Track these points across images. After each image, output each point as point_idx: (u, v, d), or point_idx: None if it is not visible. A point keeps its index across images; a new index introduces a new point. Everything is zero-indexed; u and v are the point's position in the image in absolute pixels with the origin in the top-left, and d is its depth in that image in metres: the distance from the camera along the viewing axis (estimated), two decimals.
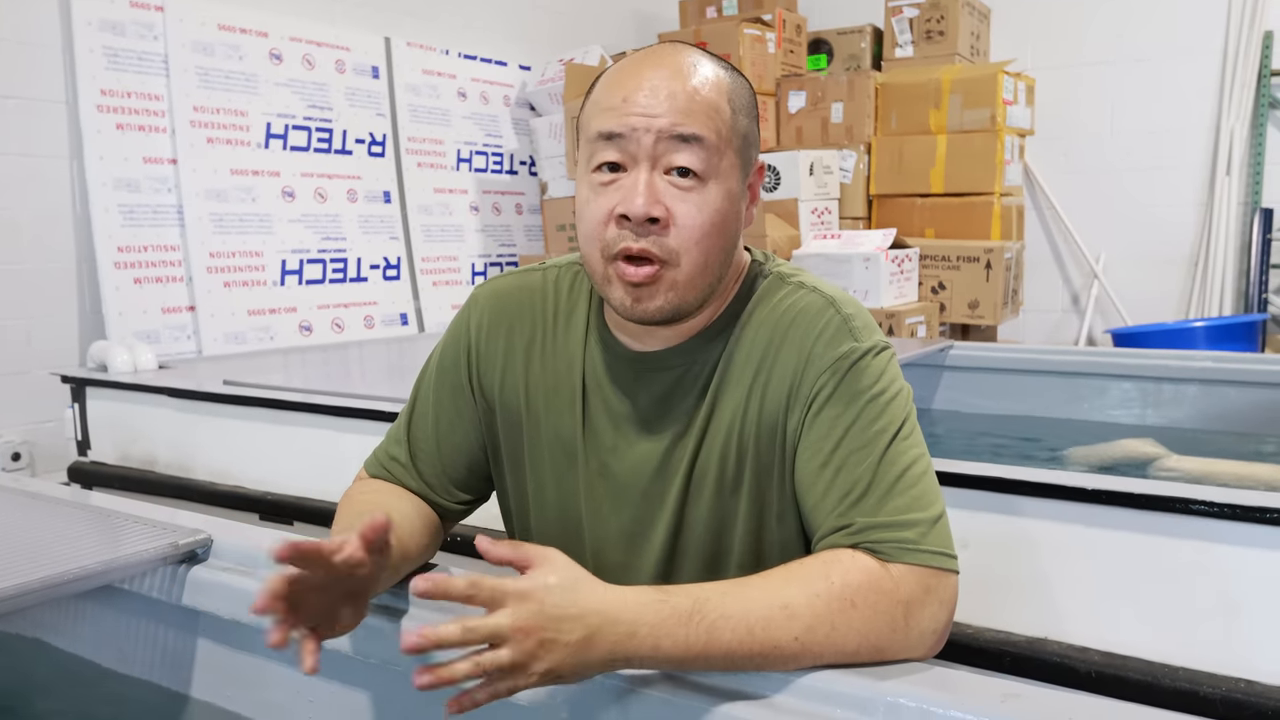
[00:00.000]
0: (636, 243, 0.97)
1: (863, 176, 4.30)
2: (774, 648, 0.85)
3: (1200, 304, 4.52)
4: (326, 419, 2.11)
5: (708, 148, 0.97)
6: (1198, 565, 1.33)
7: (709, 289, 1.02)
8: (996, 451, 2.71)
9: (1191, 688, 1.28)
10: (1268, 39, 4.34)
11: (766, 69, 4.48)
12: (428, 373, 1.19)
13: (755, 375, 1.02)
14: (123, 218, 3.20)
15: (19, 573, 1.04)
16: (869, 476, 0.95)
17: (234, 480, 2.26)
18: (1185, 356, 2.79)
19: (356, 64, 3.95)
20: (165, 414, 2.36)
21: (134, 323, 3.17)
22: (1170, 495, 1.34)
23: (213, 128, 3.45)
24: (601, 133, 0.98)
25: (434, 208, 4.23)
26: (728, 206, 1.00)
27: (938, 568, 0.92)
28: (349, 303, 3.84)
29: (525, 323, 1.13)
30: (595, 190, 0.99)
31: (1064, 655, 1.38)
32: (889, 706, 0.81)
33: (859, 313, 1.03)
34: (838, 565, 0.90)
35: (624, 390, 1.07)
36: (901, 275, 3.68)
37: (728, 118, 0.99)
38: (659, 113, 0.96)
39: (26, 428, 3.05)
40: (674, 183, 0.97)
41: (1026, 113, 4.34)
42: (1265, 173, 4.42)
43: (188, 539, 1.15)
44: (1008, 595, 1.46)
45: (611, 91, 0.99)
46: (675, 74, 0.98)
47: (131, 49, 3.25)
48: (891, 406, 0.98)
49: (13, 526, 1.26)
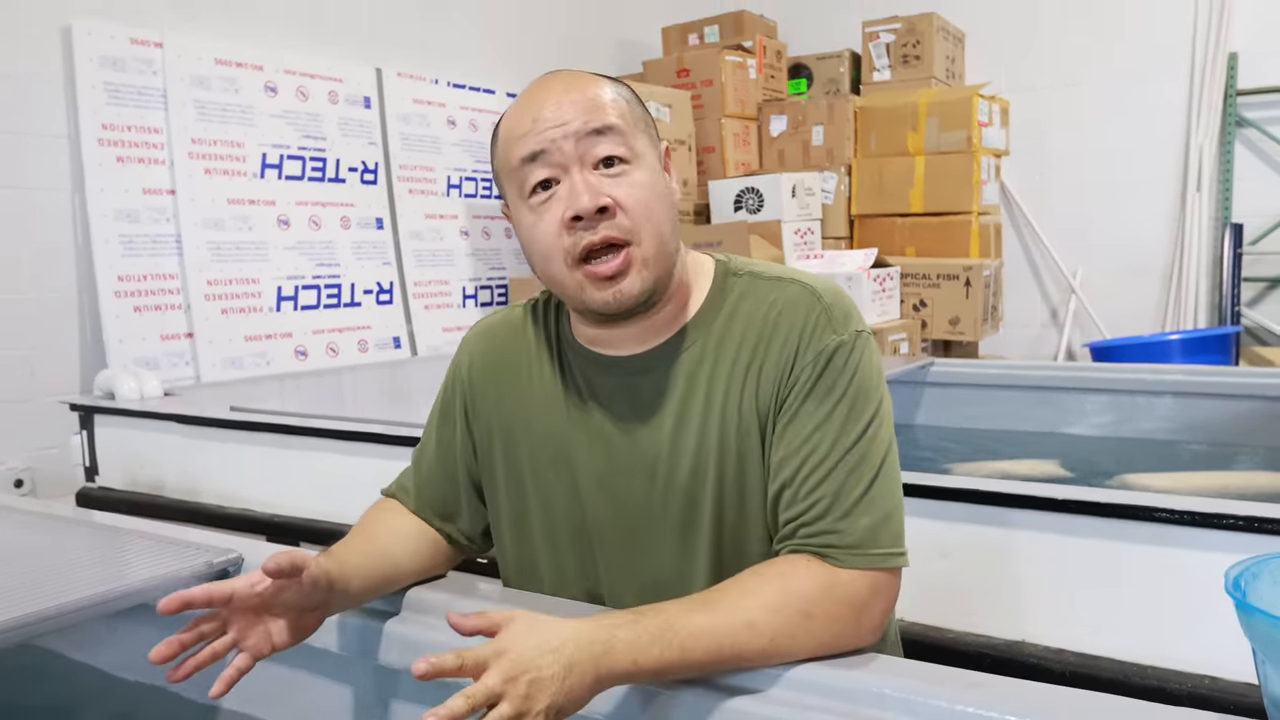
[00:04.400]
0: (595, 234, 1.02)
1: (844, 197, 4.39)
2: (742, 659, 0.93)
3: (1175, 317, 4.61)
4: (332, 443, 2.17)
5: (621, 133, 1.04)
6: (1164, 569, 1.39)
7: (670, 262, 1.07)
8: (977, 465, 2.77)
9: (1159, 685, 1.35)
10: (1233, 60, 4.47)
11: (748, 94, 4.58)
12: (433, 410, 1.28)
13: (749, 366, 1.06)
14: (123, 248, 3.26)
15: (68, 591, 1.11)
16: (830, 479, 1.00)
17: (241, 504, 2.31)
18: (1160, 370, 2.85)
19: (349, 95, 4.03)
20: (172, 440, 2.41)
21: (134, 350, 3.22)
22: (1136, 504, 1.41)
23: (210, 159, 3.52)
24: (524, 157, 1.04)
25: (425, 233, 4.30)
26: (658, 181, 1.07)
27: (885, 568, 0.99)
28: (343, 327, 3.90)
29: (512, 353, 1.20)
30: (537, 212, 1.04)
31: (1040, 657, 1.44)
32: (875, 696, 0.90)
33: (838, 300, 1.08)
34: (794, 577, 0.97)
35: (610, 398, 1.12)
36: (883, 293, 3.77)
37: (625, 107, 1.07)
38: (569, 118, 1.03)
39: (29, 454, 3.08)
40: (605, 173, 1.03)
41: (1001, 134, 4.45)
42: (1234, 188, 4.53)
43: (220, 558, 1.23)
44: (987, 601, 1.52)
45: (520, 120, 1.06)
46: (569, 86, 1.06)
47: (131, 84, 3.33)
48: (862, 401, 1.03)
49: (53, 548, 1.32)
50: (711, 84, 4.45)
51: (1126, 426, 2.81)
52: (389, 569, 1.14)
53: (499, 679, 0.83)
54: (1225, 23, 4.45)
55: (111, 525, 1.44)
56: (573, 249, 1.02)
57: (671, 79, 4.59)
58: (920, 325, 4.00)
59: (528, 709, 0.83)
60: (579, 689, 0.86)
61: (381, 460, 2.03)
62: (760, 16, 4.93)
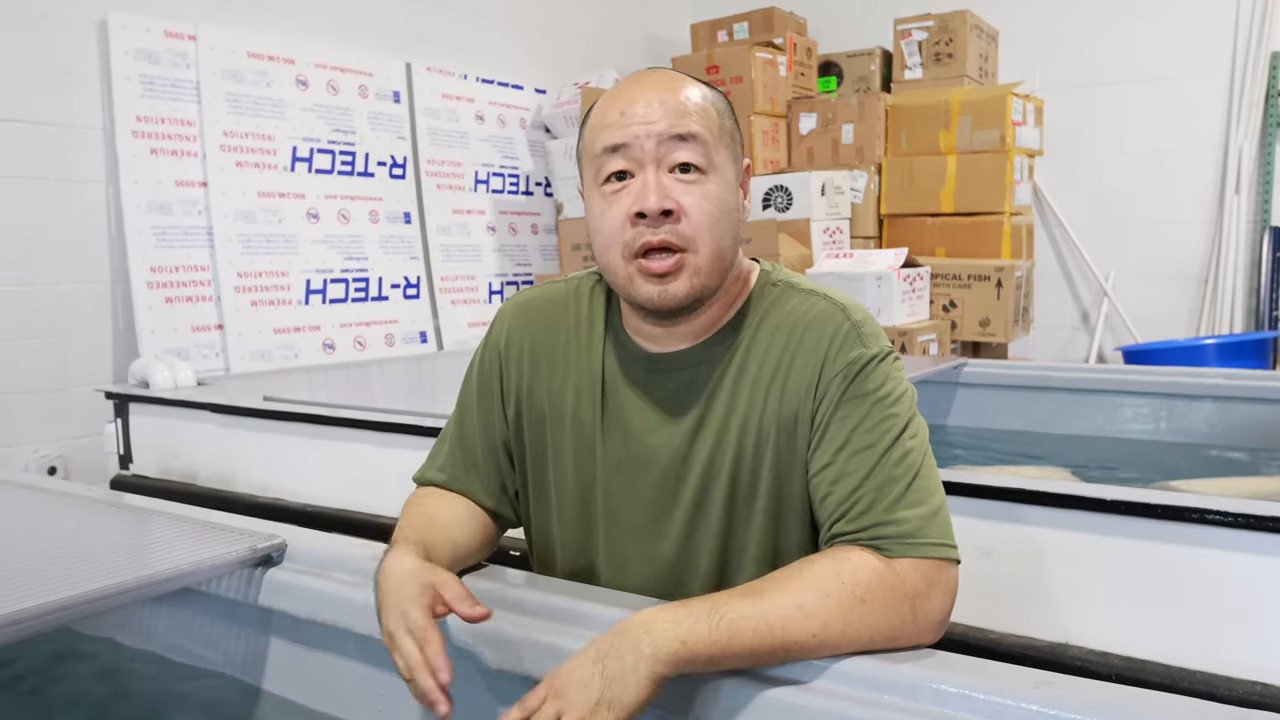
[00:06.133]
0: (656, 235, 1.05)
1: (874, 196, 4.36)
2: (794, 644, 0.91)
3: (1210, 321, 4.55)
4: (365, 433, 2.16)
5: (704, 143, 1.06)
6: (1213, 572, 1.36)
7: (723, 275, 1.10)
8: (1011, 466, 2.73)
9: (1208, 690, 1.31)
10: (1274, 59, 4.40)
11: (778, 91, 4.56)
12: (467, 385, 1.28)
13: (774, 376, 1.09)
14: (155, 239, 3.28)
15: (117, 573, 1.11)
16: (874, 475, 1.01)
17: (273, 493, 2.31)
18: (1197, 373, 2.79)
19: (378, 89, 4.04)
20: (206, 429, 2.42)
21: (165, 341, 3.24)
22: (1186, 506, 1.38)
23: (241, 151, 3.54)
24: (606, 147, 1.07)
25: (452, 228, 4.31)
26: (729, 196, 1.09)
27: (939, 558, 0.98)
28: (370, 321, 3.92)
29: (548, 329, 1.21)
30: (608, 199, 1.08)
31: (1085, 659, 1.41)
32: (934, 693, 0.86)
33: (867, 320, 1.11)
34: (846, 564, 0.96)
35: (640, 389, 1.15)
36: (913, 293, 3.74)
37: (715, 118, 1.09)
38: (656, 118, 1.06)
39: (62, 442, 3.11)
40: (679, 178, 1.06)
41: (1035, 133, 4.41)
42: (1274, 191, 4.46)
43: (264, 543, 1.23)
44: (1030, 602, 1.49)
45: (609, 110, 1.09)
46: (663, 86, 1.08)
47: (165, 76, 3.34)
48: (896, 407, 1.05)
49: (103, 530, 1.33)
50: (741, 81, 4.43)
51: (1164, 430, 2.76)
52: (455, 551, 1.15)
53: (536, 699, 0.87)
54: (1267, 21, 4.38)
55: (152, 509, 1.44)
56: (632, 243, 1.06)
57: (701, 76, 4.55)
58: (950, 326, 3.96)
59: (565, 708, 0.85)
60: (621, 674, 0.86)
61: (415, 451, 1.99)
62: (790, 13, 4.91)
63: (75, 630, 1.47)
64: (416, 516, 1.16)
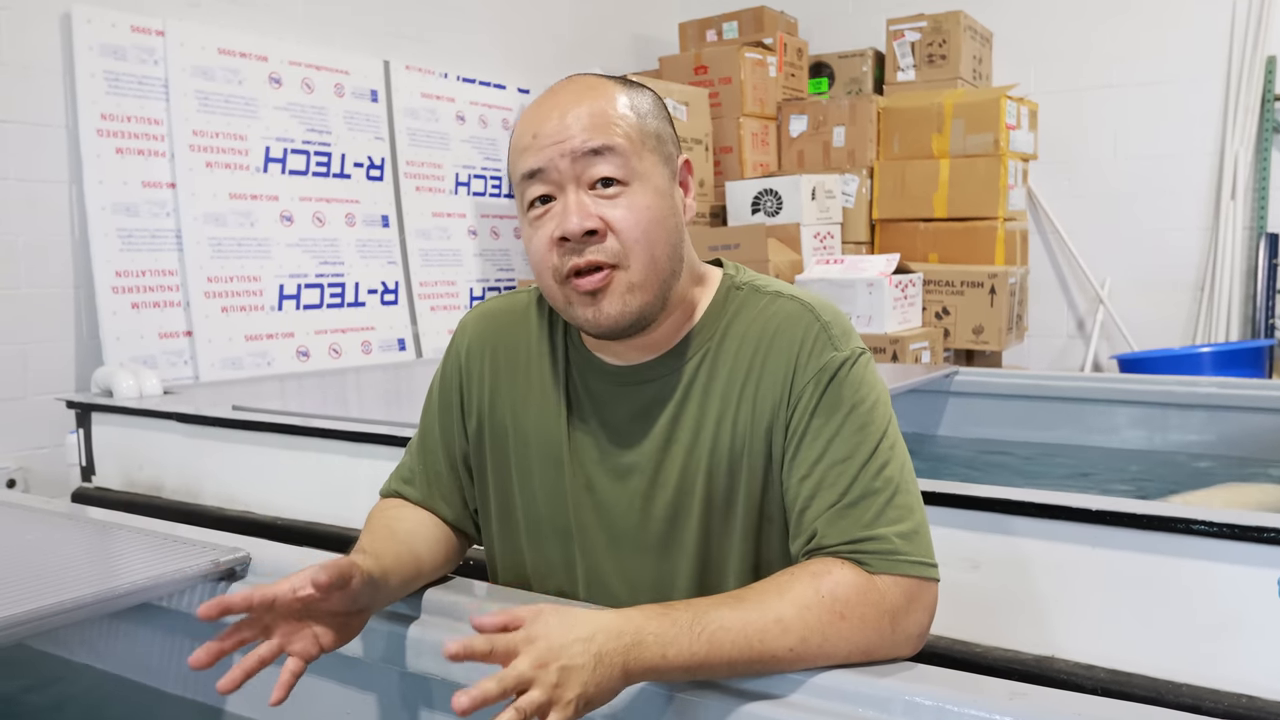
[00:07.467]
0: (582, 257, 1.02)
1: (865, 201, 4.29)
2: (771, 657, 0.91)
3: (1206, 329, 4.51)
4: (337, 444, 2.10)
5: (622, 154, 1.03)
6: (1199, 584, 1.36)
7: (665, 286, 1.05)
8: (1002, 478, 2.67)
9: (1194, 703, 1.32)
10: (1270, 64, 4.36)
11: (768, 93, 4.48)
12: (430, 396, 1.26)
13: (744, 383, 1.06)
14: (121, 242, 3.16)
15: (72, 588, 1.08)
16: (853, 488, 0.99)
17: (242, 506, 2.23)
18: (1191, 382, 2.77)
19: (355, 87, 3.93)
20: (172, 439, 2.33)
21: (131, 348, 3.12)
22: (1172, 516, 1.37)
23: (212, 152, 3.41)
24: (524, 173, 1.05)
25: (432, 232, 4.20)
26: (659, 203, 1.05)
27: (920, 576, 0.97)
28: (346, 328, 3.80)
29: (511, 341, 1.19)
30: (533, 225, 1.05)
31: (1070, 673, 1.40)
32: (907, 705, 0.86)
33: (836, 319, 1.08)
34: (827, 578, 0.95)
35: (605, 404, 1.12)
36: (905, 300, 3.65)
37: (634, 122, 1.05)
38: (569, 135, 1.02)
39: (22, 454, 2.99)
40: (600, 194, 1.02)
41: (1030, 137, 4.34)
42: (1270, 197, 4.42)
43: (228, 557, 1.19)
44: (1016, 615, 1.49)
45: (524, 133, 1.06)
46: (575, 99, 1.05)
47: (132, 73, 3.22)
48: (872, 414, 1.03)
49: (62, 544, 1.31)
50: (730, 82, 4.35)
51: (1157, 440, 2.75)
52: (417, 565, 1.12)
53: (530, 664, 0.84)
54: (1263, 26, 4.35)
55: (114, 522, 1.42)
56: (561, 266, 1.03)
57: (689, 76, 4.49)
58: (943, 334, 3.89)
59: (558, 697, 0.83)
60: (608, 680, 0.86)
61: (389, 462, 1.95)
62: (781, 13, 4.84)
63: (31, 646, 1.44)
64: (378, 529, 1.15)
